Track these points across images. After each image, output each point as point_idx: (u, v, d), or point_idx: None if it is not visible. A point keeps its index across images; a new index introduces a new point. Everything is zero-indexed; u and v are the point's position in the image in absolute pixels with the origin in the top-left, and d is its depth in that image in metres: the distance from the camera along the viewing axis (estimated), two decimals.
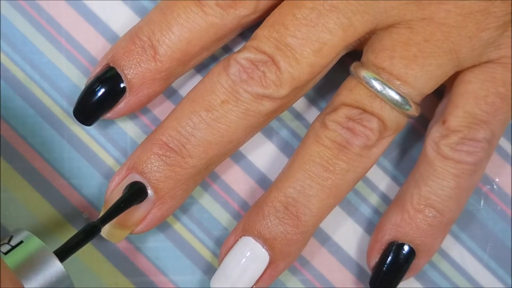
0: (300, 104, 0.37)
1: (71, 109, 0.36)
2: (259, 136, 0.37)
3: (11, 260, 0.30)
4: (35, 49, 0.36)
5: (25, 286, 0.29)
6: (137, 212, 0.33)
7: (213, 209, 0.37)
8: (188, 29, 0.33)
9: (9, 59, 0.36)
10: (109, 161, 0.36)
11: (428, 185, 0.33)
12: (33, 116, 0.36)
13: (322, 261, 0.37)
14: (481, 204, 0.37)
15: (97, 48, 0.36)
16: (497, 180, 0.37)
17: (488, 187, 0.37)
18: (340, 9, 0.32)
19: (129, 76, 0.33)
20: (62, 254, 0.31)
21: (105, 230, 0.33)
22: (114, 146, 0.36)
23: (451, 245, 0.37)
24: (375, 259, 0.35)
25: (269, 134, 0.37)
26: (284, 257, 0.33)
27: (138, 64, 0.33)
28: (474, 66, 0.33)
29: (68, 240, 0.31)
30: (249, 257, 0.33)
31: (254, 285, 0.34)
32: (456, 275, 0.37)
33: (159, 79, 0.34)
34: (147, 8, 0.36)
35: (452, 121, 0.33)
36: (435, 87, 0.33)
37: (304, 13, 0.32)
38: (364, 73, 0.33)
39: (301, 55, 0.32)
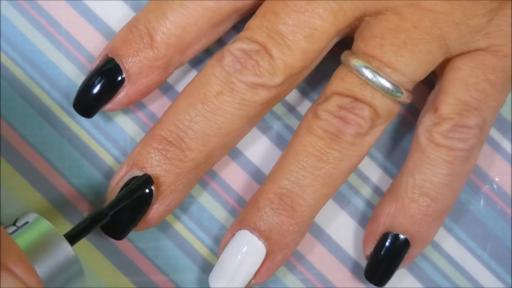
0: (292, 97, 0.37)
1: (71, 109, 0.36)
2: (254, 131, 0.37)
3: (18, 240, 0.29)
4: (35, 49, 0.36)
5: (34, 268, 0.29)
6: None
7: (212, 208, 0.37)
8: (182, 15, 0.33)
9: (9, 58, 0.36)
10: (109, 160, 0.36)
11: (422, 173, 0.33)
12: (33, 116, 0.36)
13: (322, 261, 0.37)
14: (481, 203, 0.37)
15: (97, 47, 0.36)
16: (497, 179, 0.37)
17: (488, 186, 0.37)
18: None
19: (127, 66, 0.33)
20: (71, 238, 0.31)
21: None
22: (114, 146, 0.36)
23: (451, 245, 0.37)
24: (369, 249, 0.35)
25: (263, 128, 0.37)
26: (281, 249, 0.33)
27: (136, 53, 0.33)
28: (463, 53, 0.33)
29: (76, 225, 0.31)
30: (245, 250, 0.33)
31: (252, 279, 0.34)
32: (456, 274, 0.37)
33: (157, 67, 0.34)
34: None
35: (444, 108, 0.33)
36: (426, 74, 0.33)
37: (294, 0, 0.32)
38: (354, 62, 0.33)
39: (292, 42, 0.32)
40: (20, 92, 0.36)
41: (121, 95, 0.34)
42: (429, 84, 0.36)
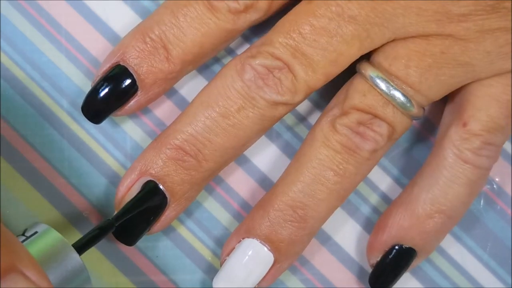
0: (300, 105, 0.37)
1: (71, 109, 0.36)
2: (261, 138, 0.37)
3: (28, 249, 0.29)
4: (35, 49, 0.36)
5: None
6: None
7: (212, 208, 0.37)
8: (201, 34, 0.33)
9: (9, 58, 0.36)
10: (109, 160, 0.36)
11: (443, 190, 0.33)
12: (33, 116, 0.36)
13: (322, 261, 0.37)
14: (481, 203, 0.37)
15: (97, 47, 0.36)
16: (497, 180, 0.37)
17: (488, 186, 0.37)
18: (359, 22, 0.32)
19: (142, 76, 0.33)
20: (80, 247, 0.31)
21: None
22: (114, 145, 0.36)
23: (451, 245, 0.37)
24: (376, 258, 0.35)
25: (270, 135, 0.37)
26: (289, 258, 0.34)
27: (151, 64, 0.33)
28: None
29: (84, 235, 0.32)
30: (254, 259, 0.33)
31: (257, 285, 0.34)
32: (456, 274, 0.37)
33: (170, 79, 0.34)
34: (148, 8, 0.36)
35: (474, 124, 0.33)
36: (445, 94, 0.33)
37: (322, 23, 0.32)
38: (375, 77, 0.32)
39: (317, 64, 0.32)
40: (20, 92, 0.36)
41: (132, 103, 0.34)
42: None
